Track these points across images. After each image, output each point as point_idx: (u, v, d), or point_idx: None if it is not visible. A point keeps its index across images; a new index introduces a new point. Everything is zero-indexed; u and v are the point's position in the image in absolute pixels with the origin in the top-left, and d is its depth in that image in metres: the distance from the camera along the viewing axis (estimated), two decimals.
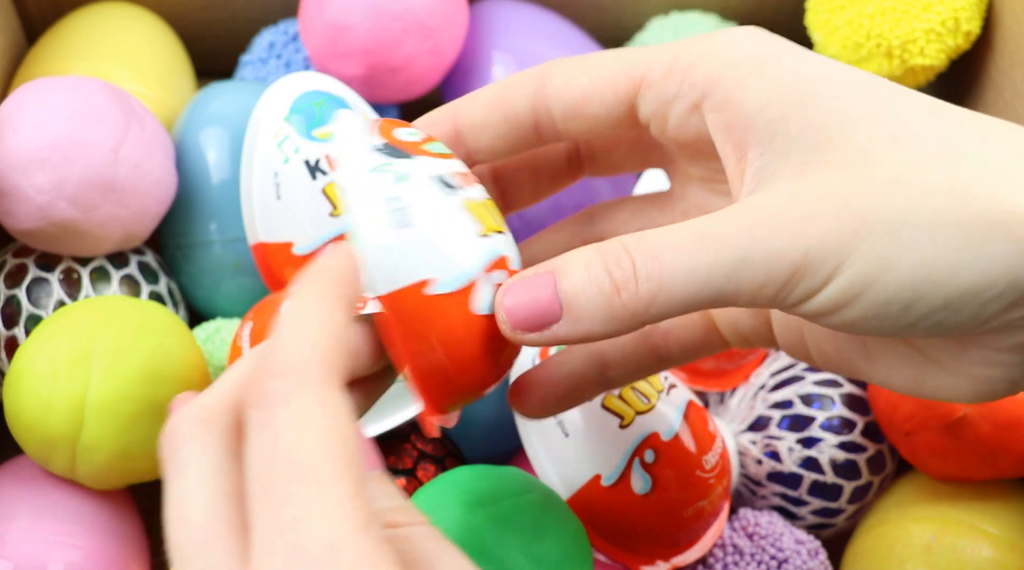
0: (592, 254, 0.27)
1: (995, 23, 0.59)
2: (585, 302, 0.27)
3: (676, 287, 0.26)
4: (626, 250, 0.27)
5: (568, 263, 0.27)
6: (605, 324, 0.27)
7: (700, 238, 0.26)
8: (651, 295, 0.26)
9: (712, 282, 0.26)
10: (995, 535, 0.50)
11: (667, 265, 0.26)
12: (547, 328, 0.27)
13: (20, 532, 0.46)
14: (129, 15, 0.62)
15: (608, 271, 0.27)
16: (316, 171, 0.51)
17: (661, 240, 0.27)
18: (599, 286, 0.27)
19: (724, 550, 0.50)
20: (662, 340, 0.34)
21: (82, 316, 0.47)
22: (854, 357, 0.31)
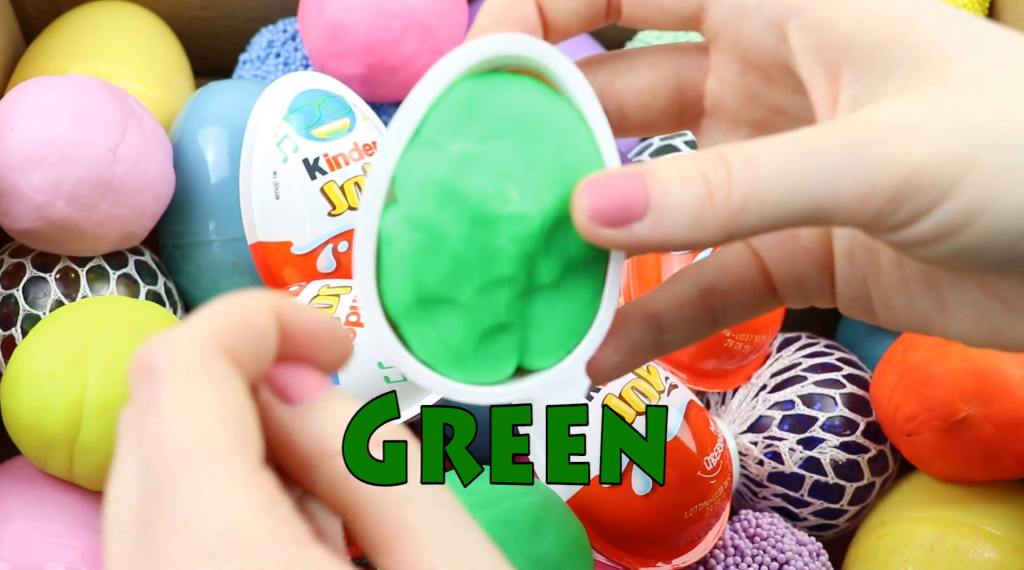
0: (686, 158, 0.26)
1: (996, 22, 0.59)
2: (674, 202, 0.25)
3: (770, 195, 0.25)
4: (722, 157, 0.25)
5: (659, 163, 0.26)
6: (691, 229, 0.25)
7: (799, 146, 0.25)
8: (743, 201, 0.25)
9: (810, 192, 0.24)
10: (997, 536, 0.50)
11: (763, 171, 0.25)
12: (627, 225, 0.25)
13: (18, 533, 0.46)
14: (127, 14, 0.62)
15: (703, 174, 0.25)
16: (315, 170, 0.51)
17: (757, 149, 0.25)
18: (691, 187, 0.25)
19: (725, 551, 0.50)
20: (719, 301, 0.33)
21: (80, 316, 0.47)
22: (928, 309, 0.30)
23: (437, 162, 0.27)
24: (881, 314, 0.31)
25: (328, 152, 0.51)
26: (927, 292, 0.29)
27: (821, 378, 0.54)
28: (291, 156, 0.51)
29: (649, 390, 0.47)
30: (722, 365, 0.54)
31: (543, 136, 0.27)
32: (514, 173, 0.27)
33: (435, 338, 0.28)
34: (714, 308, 0.33)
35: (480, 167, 0.27)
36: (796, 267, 0.32)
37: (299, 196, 0.51)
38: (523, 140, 0.27)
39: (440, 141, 0.27)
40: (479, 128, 0.27)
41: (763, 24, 0.28)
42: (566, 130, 0.28)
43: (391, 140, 0.27)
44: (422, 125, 0.27)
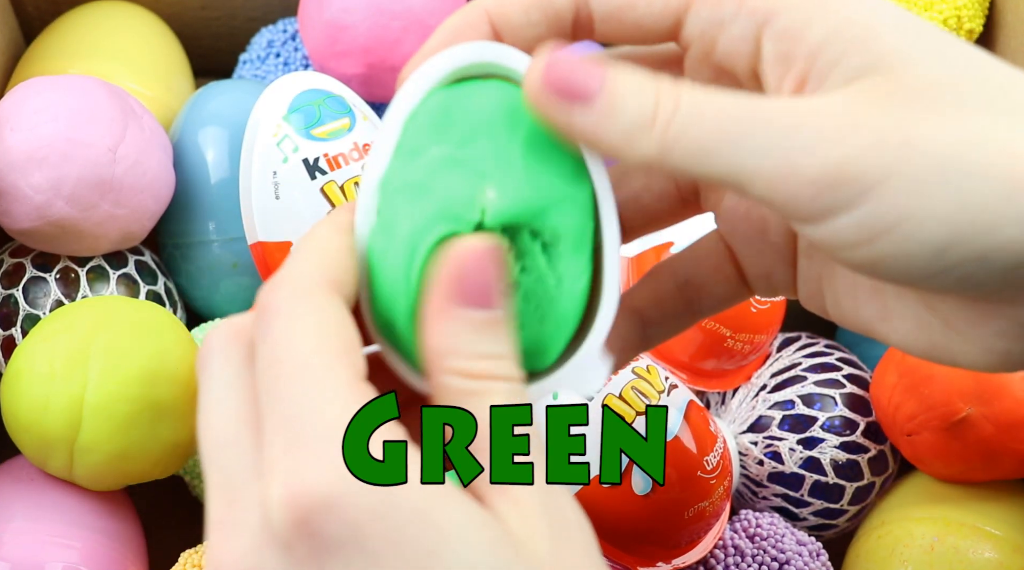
0: (650, 77, 0.26)
1: (997, 21, 0.59)
2: (621, 105, 0.26)
3: (699, 144, 0.25)
4: (678, 91, 0.26)
5: (626, 70, 0.26)
6: (624, 138, 0.26)
7: (745, 108, 0.25)
8: (676, 137, 0.26)
9: (735, 152, 0.25)
10: (997, 536, 0.50)
11: (703, 117, 0.25)
12: (572, 102, 0.26)
13: (17, 533, 0.46)
14: (127, 14, 0.62)
15: (656, 95, 0.26)
16: (315, 170, 0.51)
17: (711, 99, 0.26)
18: (641, 101, 0.26)
19: (725, 551, 0.50)
20: (696, 293, 0.34)
21: (80, 316, 0.47)
22: (872, 316, 0.30)
23: (415, 168, 0.27)
24: (832, 313, 0.32)
25: (328, 152, 0.51)
26: (872, 300, 0.30)
27: (821, 378, 0.54)
28: (291, 156, 0.51)
29: (649, 390, 0.47)
30: (722, 365, 0.54)
31: (516, 133, 0.28)
32: (490, 172, 0.27)
33: None
34: (691, 300, 0.34)
35: (457, 169, 0.27)
36: (765, 261, 0.33)
37: (299, 196, 0.50)
38: (497, 139, 0.28)
39: (419, 150, 0.28)
40: (455, 133, 0.28)
41: (738, 34, 0.28)
42: (537, 131, 0.28)
43: (372, 159, 0.28)
44: (400, 140, 0.28)
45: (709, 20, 0.28)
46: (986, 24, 0.59)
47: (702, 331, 0.52)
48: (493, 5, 0.30)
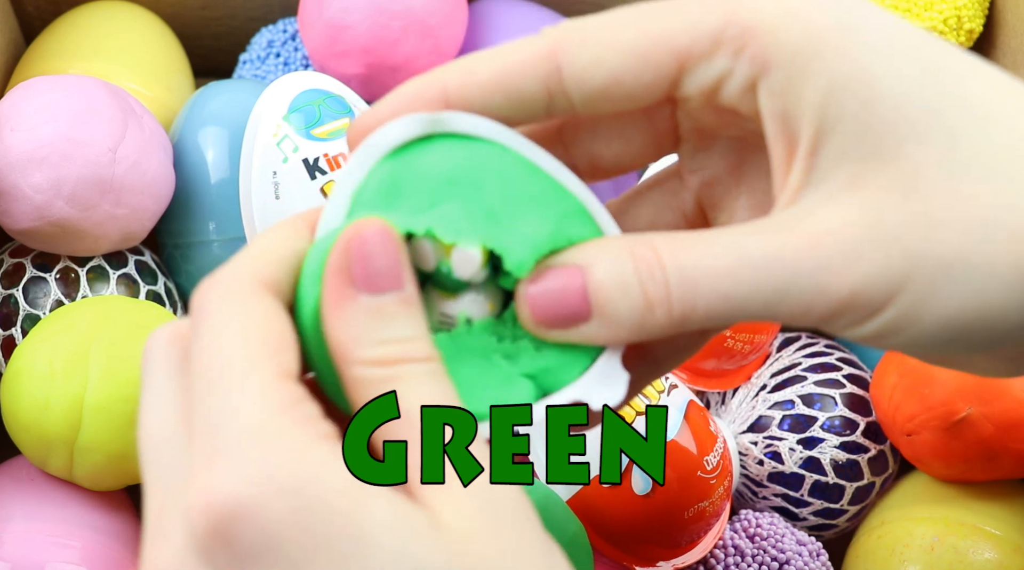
0: (622, 257, 0.26)
1: (997, 21, 0.59)
2: (615, 311, 0.26)
3: (711, 311, 0.25)
4: (659, 260, 0.26)
5: (598, 263, 0.26)
6: (636, 333, 0.26)
7: (738, 263, 0.25)
8: (684, 316, 0.26)
9: (747, 310, 0.25)
10: (997, 536, 0.50)
11: (701, 290, 0.25)
12: (574, 327, 0.26)
13: (17, 533, 0.46)
14: (127, 14, 0.62)
15: (642, 285, 0.26)
16: (315, 170, 0.51)
17: (698, 260, 0.25)
18: (631, 299, 0.26)
19: (725, 551, 0.50)
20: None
21: (80, 316, 0.47)
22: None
23: None
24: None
25: (328, 152, 0.51)
26: None
27: (821, 378, 0.54)
28: (291, 156, 0.51)
29: (649, 390, 0.47)
30: (722, 365, 0.54)
31: (483, 184, 0.27)
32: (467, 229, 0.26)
33: None
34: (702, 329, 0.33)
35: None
36: None
37: (299, 196, 0.51)
38: (462, 200, 0.26)
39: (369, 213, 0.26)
40: (412, 201, 0.26)
41: (739, 85, 0.26)
42: (503, 170, 0.27)
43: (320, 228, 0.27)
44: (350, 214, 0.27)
45: (706, 78, 0.27)
46: (986, 24, 0.59)
47: None
48: (453, 81, 0.28)
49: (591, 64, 0.27)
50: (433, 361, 0.25)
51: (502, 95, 0.27)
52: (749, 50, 0.26)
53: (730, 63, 0.26)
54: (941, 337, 0.25)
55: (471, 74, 0.28)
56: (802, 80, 0.25)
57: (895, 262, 0.25)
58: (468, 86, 0.28)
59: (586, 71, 0.27)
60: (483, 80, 0.27)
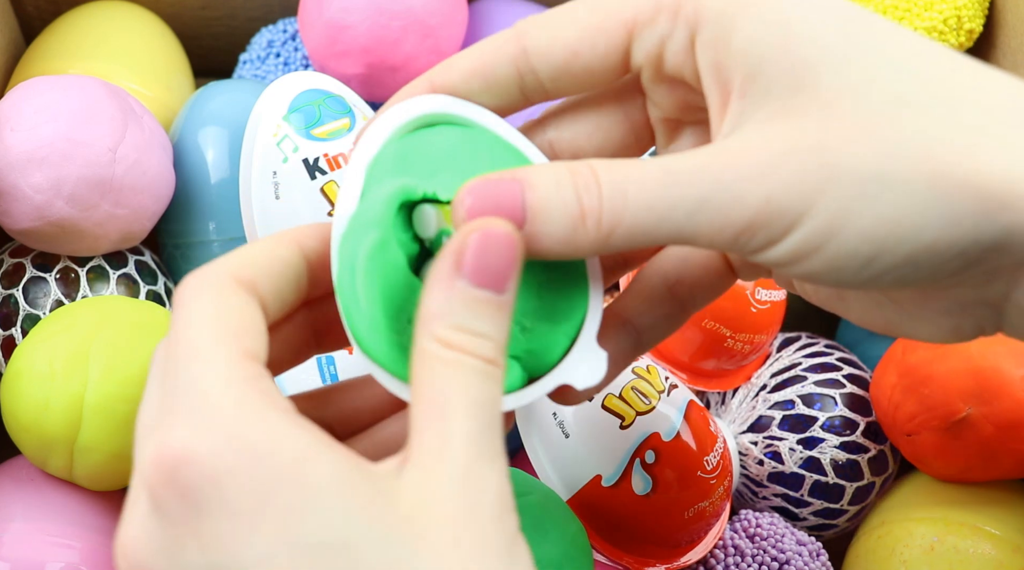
0: (563, 173, 0.27)
1: (997, 21, 0.59)
2: (548, 218, 0.27)
3: (636, 221, 0.26)
4: (595, 177, 0.27)
5: (538, 174, 0.27)
6: (564, 244, 0.27)
7: (664, 175, 0.26)
8: (612, 227, 0.27)
9: (671, 221, 0.26)
10: (997, 536, 0.50)
11: (630, 200, 0.26)
12: None
13: (17, 533, 0.46)
14: (127, 13, 0.62)
15: (577, 194, 0.27)
16: (315, 170, 0.51)
17: (628, 174, 0.27)
18: (567, 207, 0.27)
19: (725, 551, 0.50)
20: (687, 292, 0.35)
21: (80, 316, 0.47)
22: (831, 298, 0.32)
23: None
24: (799, 290, 0.34)
25: (328, 152, 0.51)
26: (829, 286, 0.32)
27: (821, 378, 0.54)
28: (291, 156, 0.51)
29: (649, 390, 0.47)
30: (722, 365, 0.54)
31: (477, 164, 0.29)
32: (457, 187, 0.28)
33: None
34: (683, 299, 0.35)
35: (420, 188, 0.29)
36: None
37: (299, 196, 0.50)
38: (459, 170, 0.29)
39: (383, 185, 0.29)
40: (417, 171, 0.29)
41: (679, 47, 0.29)
42: (492, 150, 0.29)
43: (339, 205, 0.29)
44: (365, 185, 0.29)
45: (651, 41, 0.29)
46: (986, 24, 0.59)
47: (702, 331, 0.52)
48: (437, 76, 0.31)
49: (550, 40, 0.30)
50: (495, 367, 0.26)
51: (479, 79, 0.30)
52: (683, 12, 0.28)
53: (669, 26, 0.29)
54: (859, 255, 0.26)
55: (451, 66, 0.31)
56: (730, 31, 0.27)
57: (811, 173, 0.25)
58: (449, 75, 0.31)
59: (547, 47, 0.30)
60: (461, 68, 0.31)
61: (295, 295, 0.29)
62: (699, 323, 0.52)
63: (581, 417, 0.45)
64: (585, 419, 0.45)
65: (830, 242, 0.26)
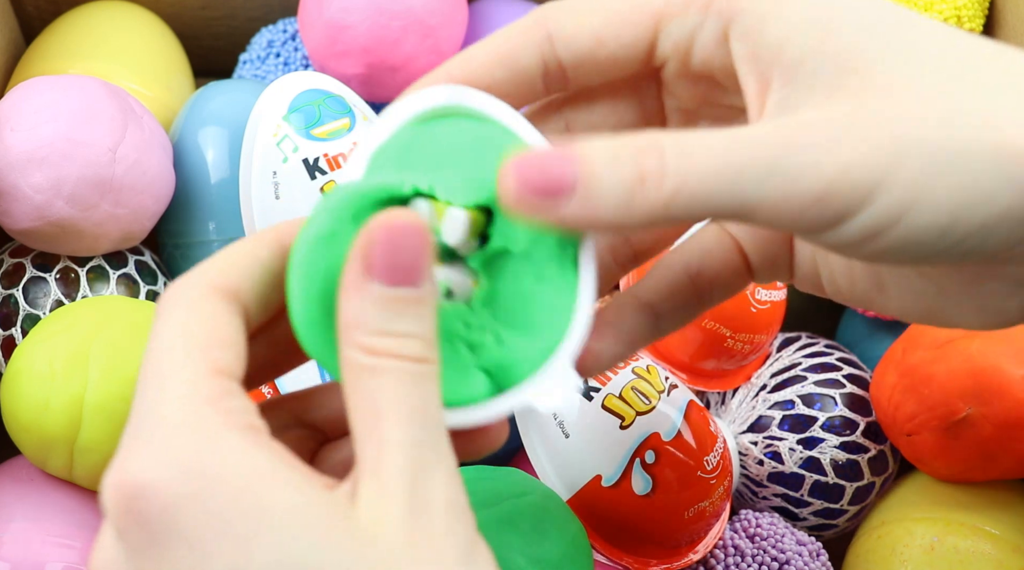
0: (620, 140, 0.26)
1: (997, 21, 0.59)
2: (601, 183, 0.25)
3: (702, 186, 0.25)
4: (656, 143, 0.25)
5: (592, 143, 0.26)
6: (618, 211, 0.25)
7: (734, 141, 0.25)
8: (675, 189, 0.25)
9: (739, 186, 0.25)
10: (997, 536, 0.50)
11: (697, 161, 0.25)
12: (553, 200, 0.25)
13: (17, 533, 0.46)
14: (127, 14, 0.62)
15: (635, 158, 0.25)
16: (315, 170, 0.51)
17: (692, 139, 0.25)
18: (622, 171, 0.25)
19: (725, 551, 0.50)
20: (707, 285, 0.34)
21: (80, 316, 0.47)
22: (869, 289, 0.31)
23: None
24: (829, 290, 0.33)
25: (328, 152, 0.51)
26: (868, 275, 0.31)
27: (821, 378, 0.54)
28: (291, 156, 0.51)
29: (649, 390, 0.47)
30: (722, 365, 0.54)
31: (485, 161, 0.28)
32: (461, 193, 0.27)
33: None
34: (702, 292, 0.34)
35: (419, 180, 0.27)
36: (769, 248, 0.34)
37: (299, 196, 0.50)
38: (464, 167, 0.28)
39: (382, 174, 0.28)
40: (421, 165, 0.28)
41: (710, 38, 0.28)
42: (503, 146, 0.28)
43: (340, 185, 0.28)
44: (367, 171, 0.28)
45: (680, 33, 0.29)
46: (986, 24, 0.59)
47: (702, 331, 0.52)
48: (456, 69, 0.30)
49: (576, 27, 0.29)
50: (425, 364, 0.25)
51: (502, 68, 0.29)
52: (716, 4, 0.28)
53: (700, 18, 0.28)
54: (936, 226, 0.25)
55: (471, 56, 0.30)
56: (768, 20, 0.27)
57: (885, 145, 0.25)
58: (469, 65, 0.30)
59: (572, 33, 0.29)
60: (483, 57, 0.30)
61: (280, 295, 0.28)
62: (699, 323, 0.52)
63: (581, 417, 0.45)
64: (585, 419, 0.45)
65: (906, 215, 0.25)
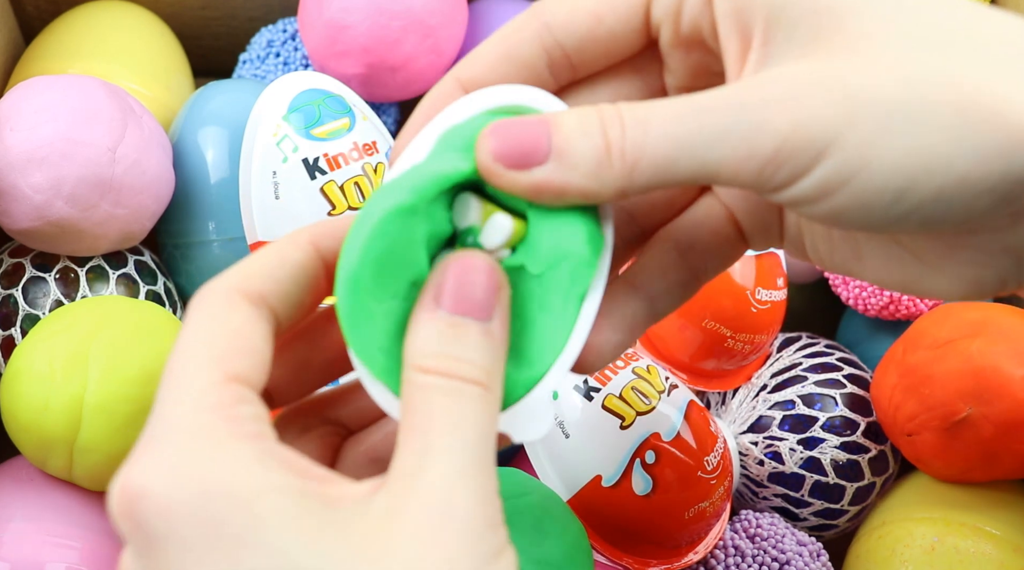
0: (589, 110, 0.27)
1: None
2: (574, 151, 0.26)
3: (659, 152, 0.26)
4: (619, 113, 0.26)
5: (565, 114, 0.27)
6: (589, 178, 0.26)
7: (689, 107, 0.26)
8: (635, 158, 0.26)
9: (694, 150, 0.26)
10: (997, 536, 0.50)
11: (652, 131, 0.26)
12: (529, 167, 0.27)
13: (17, 533, 0.46)
14: (127, 13, 0.62)
15: (602, 128, 0.26)
16: (315, 170, 0.51)
17: (652, 109, 0.26)
18: (592, 139, 0.26)
19: (725, 552, 0.50)
20: (699, 259, 0.34)
21: (80, 316, 0.47)
22: (847, 257, 0.31)
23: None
24: (812, 256, 0.33)
25: (328, 152, 0.51)
26: (845, 241, 0.31)
27: (821, 378, 0.54)
28: (291, 156, 0.50)
29: (649, 390, 0.47)
30: (722, 365, 0.54)
31: None
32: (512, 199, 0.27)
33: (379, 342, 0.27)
34: (695, 267, 0.34)
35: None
36: (761, 214, 0.34)
37: (299, 196, 0.50)
38: None
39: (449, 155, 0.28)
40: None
41: (697, 4, 0.29)
42: None
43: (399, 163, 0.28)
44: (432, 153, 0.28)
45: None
46: None
47: (702, 331, 0.52)
48: (463, 72, 0.30)
49: (571, 10, 0.30)
50: (482, 388, 0.26)
51: (506, 64, 0.30)
52: None
53: None
54: (889, 189, 0.25)
55: (476, 58, 0.30)
56: None
57: (838, 102, 0.25)
58: (475, 67, 0.30)
59: (568, 17, 0.30)
60: (487, 56, 0.30)
61: (312, 297, 0.28)
62: (699, 323, 0.52)
63: (581, 417, 0.45)
64: (585, 419, 0.45)
65: (860, 174, 0.25)
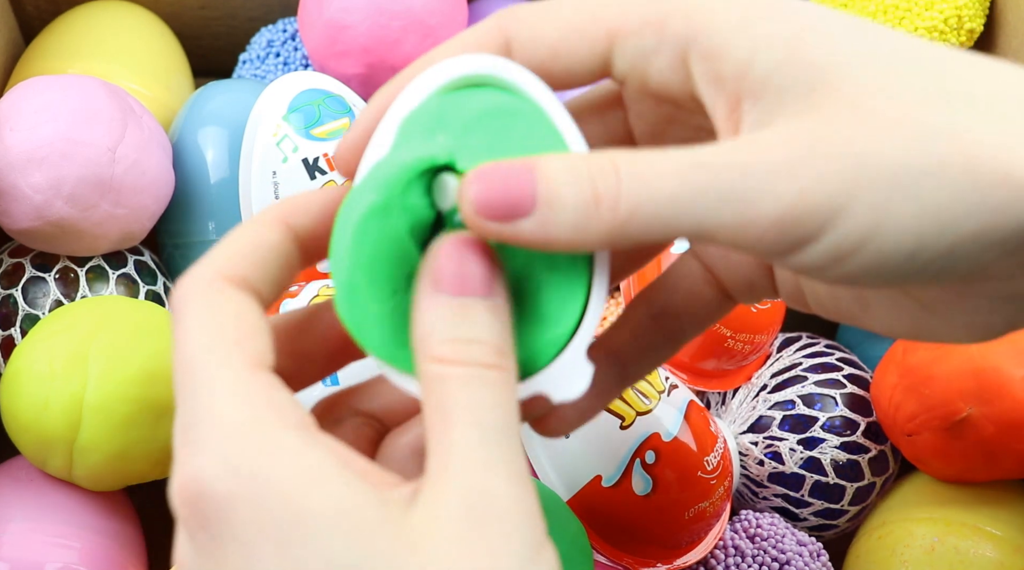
0: (578, 158, 0.26)
1: (998, 21, 0.59)
2: (561, 203, 0.25)
3: (656, 209, 0.25)
4: (614, 164, 0.25)
5: (552, 160, 0.26)
6: (575, 232, 0.25)
7: (690, 163, 0.25)
8: (630, 213, 0.25)
9: (694, 212, 0.25)
10: (998, 536, 0.49)
11: (652, 185, 0.25)
12: (513, 221, 0.26)
13: (17, 533, 0.46)
14: (127, 13, 0.62)
15: (592, 179, 0.25)
16: (314, 170, 0.51)
17: (649, 160, 0.25)
18: (580, 191, 0.25)
19: (725, 552, 0.50)
20: (674, 322, 0.33)
21: (79, 316, 0.47)
22: (852, 308, 0.31)
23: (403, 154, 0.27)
24: (814, 308, 0.32)
25: (328, 152, 0.51)
26: (850, 294, 0.31)
27: (821, 378, 0.54)
28: (291, 156, 0.51)
29: (649, 390, 0.47)
30: (722, 365, 0.54)
31: (510, 129, 0.28)
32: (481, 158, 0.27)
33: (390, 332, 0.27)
34: (670, 329, 0.33)
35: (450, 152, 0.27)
36: (743, 271, 0.33)
37: None
38: (489, 143, 0.27)
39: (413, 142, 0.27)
40: (451, 129, 0.27)
41: (667, 63, 0.28)
42: (530, 122, 0.28)
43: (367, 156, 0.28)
44: (396, 140, 0.28)
45: (634, 55, 0.28)
46: (986, 24, 0.59)
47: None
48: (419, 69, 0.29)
49: (533, 38, 0.29)
50: (496, 370, 0.25)
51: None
52: (671, 27, 0.27)
53: (655, 41, 0.28)
54: (902, 251, 0.25)
55: (431, 59, 0.29)
56: (730, 41, 0.26)
57: (846, 167, 0.24)
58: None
59: (528, 43, 0.29)
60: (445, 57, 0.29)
61: (288, 275, 0.28)
62: None
63: None
64: None
65: (871, 240, 0.24)
